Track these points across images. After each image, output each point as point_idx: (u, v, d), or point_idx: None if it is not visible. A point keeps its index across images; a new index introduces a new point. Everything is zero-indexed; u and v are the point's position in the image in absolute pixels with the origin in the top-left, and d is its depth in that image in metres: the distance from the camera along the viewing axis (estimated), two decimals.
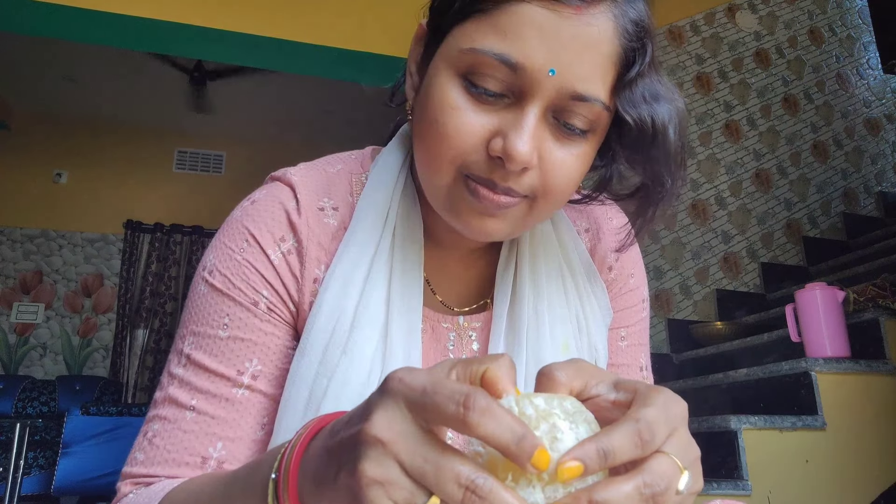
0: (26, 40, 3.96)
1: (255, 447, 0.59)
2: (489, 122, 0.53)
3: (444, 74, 0.54)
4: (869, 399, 2.19)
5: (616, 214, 0.76)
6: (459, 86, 0.54)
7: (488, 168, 0.53)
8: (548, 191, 0.55)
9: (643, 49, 0.55)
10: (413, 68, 0.62)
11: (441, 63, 0.55)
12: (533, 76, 0.51)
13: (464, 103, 0.53)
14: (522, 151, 0.51)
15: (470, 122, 0.53)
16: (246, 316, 0.60)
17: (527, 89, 0.52)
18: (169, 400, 0.59)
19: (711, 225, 3.54)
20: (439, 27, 0.57)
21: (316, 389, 0.57)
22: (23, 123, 5.18)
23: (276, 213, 0.62)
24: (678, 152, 0.58)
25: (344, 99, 4.64)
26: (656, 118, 0.55)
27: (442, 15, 0.57)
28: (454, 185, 0.55)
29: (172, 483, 0.55)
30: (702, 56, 3.81)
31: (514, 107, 0.53)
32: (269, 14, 3.03)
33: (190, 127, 5.47)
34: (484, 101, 0.53)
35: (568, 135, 0.54)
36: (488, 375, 0.36)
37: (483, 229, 0.56)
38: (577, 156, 0.55)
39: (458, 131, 0.53)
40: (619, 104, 0.55)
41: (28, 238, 5.15)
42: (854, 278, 2.82)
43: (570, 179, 0.56)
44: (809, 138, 4.01)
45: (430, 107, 0.55)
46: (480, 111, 0.53)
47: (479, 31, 0.52)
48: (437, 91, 0.54)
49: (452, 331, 0.67)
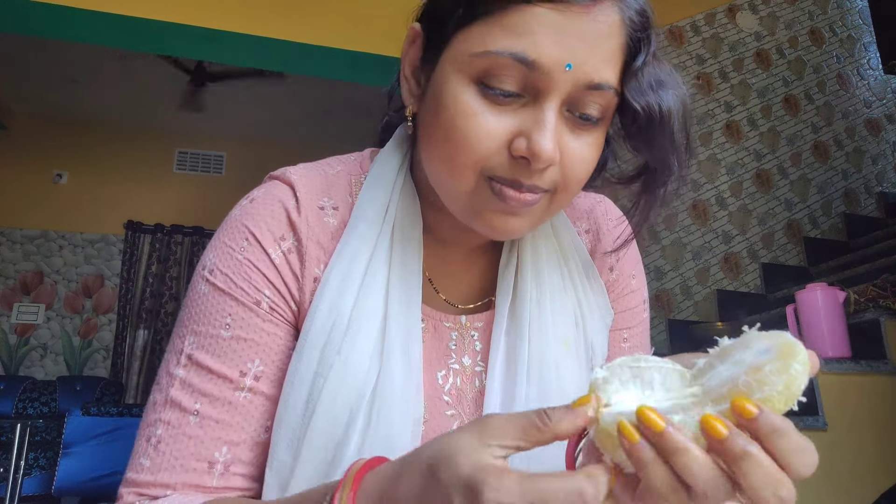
0: (27, 41, 3.96)
1: (259, 449, 0.59)
2: (509, 123, 0.53)
3: (456, 80, 0.54)
4: (869, 400, 2.19)
5: (614, 212, 0.76)
6: (474, 90, 0.53)
7: (512, 169, 0.53)
8: (567, 183, 0.56)
9: (647, 38, 0.56)
10: (408, 73, 0.62)
11: (450, 68, 0.55)
12: (549, 73, 0.51)
13: (481, 108, 0.53)
14: (547, 149, 0.51)
15: (490, 126, 0.53)
16: (248, 316, 0.59)
17: (543, 86, 0.52)
18: (171, 403, 0.58)
19: (712, 225, 3.54)
20: (440, 32, 0.57)
21: (314, 389, 0.57)
22: (23, 124, 5.18)
23: (276, 211, 0.62)
24: (683, 136, 0.58)
25: (344, 100, 4.64)
26: (662, 105, 0.56)
27: (443, 20, 0.56)
28: (477, 189, 0.55)
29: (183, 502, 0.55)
30: (702, 56, 3.81)
31: (531, 105, 0.53)
32: (269, 15, 3.04)
33: (190, 127, 5.48)
34: (500, 102, 0.53)
35: (583, 125, 0.55)
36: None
37: (506, 229, 0.57)
38: (591, 145, 0.56)
39: (479, 137, 0.53)
40: (627, 92, 0.55)
41: (28, 239, 5.15)
42: (855, 279, 2.82)
43: (586, 169, 0.56)
44: (810, 139, 4.01)
45: (444, 115, 0.54)
46: (498, 113, 0.53)
47: (489, 33, 0.52)
48: (451, 98, 0.54)
49: (455, 330, 0.67)
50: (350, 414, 0.56)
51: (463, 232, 0.65)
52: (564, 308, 0.67)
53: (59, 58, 4.40)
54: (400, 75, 0.63)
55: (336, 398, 0.56)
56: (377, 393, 0.57)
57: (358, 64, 3.12)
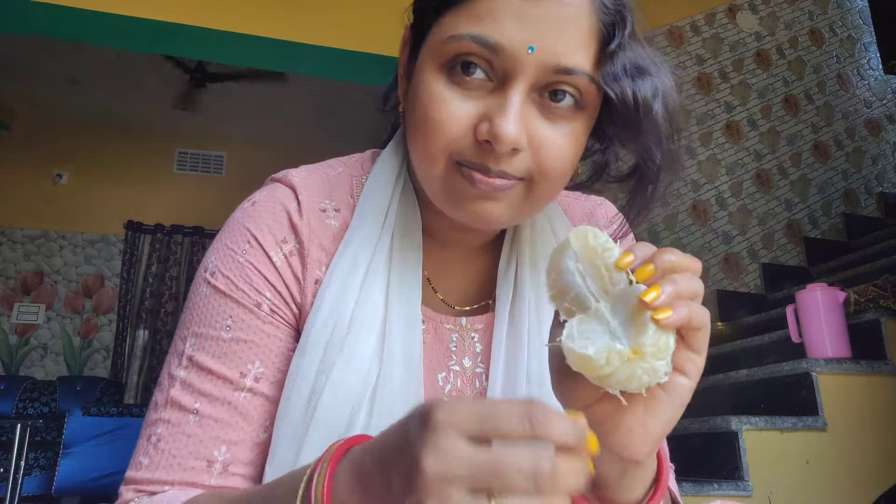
0: (28, 41, 3.96)
1: (258, 449, 0.60)
2: (475, 107, 0.54)
3: (428, 69, 0.55)
4: (870, 400, 2.19)
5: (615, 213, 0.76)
6: (443, 77, 0.54)
7: (479, 153, 0.54)
8: (543, 171, 0.55)
9: (622, 22, 0.55)
10: (402, 71, 0.63)
11: (425, 59, 0.56)
12: (513, 55, 0.52)
13: (449, 94, 0.54)
14: (509, 132, 0.51)
15: (456, 110, 0.53)
16: (249, 318, 0.60)
17: (509, 71, 0.52)
18: (171, 403, 0.58)
19: (712, 225, 3.54)
20: (421, 27, 0.58)
21: (316, 386, 0.57)
22: (24, 124, 5.18)
23: (278, 214, 0.62)
24: (666, 126, 0.56)
25: (345, 100, 4.64)
26: (638, 92, 0.54)
27: (422, 15, 0.58)
28: (448, 175, 0.56)
29: (180, 496, 0.55)
30: (702, 56, 3.81)
31: (497, 90, 0.54)
32: (270, 15, 3.03)
33: (191, 128, 5.48)
34: (468, 87, 0.54)
35: (557, 111, 0.54)
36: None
37: (484, 214, 0.56)
38: (568, 134, 0.55)
39: (446, 122, 0.54)
40: (602, 79, 0.54)
41: (29, 239, 5.15)
42: (855, 279, 2.82)
43: (564, 159, 0.55)
44: (810, 139, 4.01)
45: (418, 103, 0.55)
46: (466, 98, 0.54)
47: (456, 21, 0.53)
48: (423, 86, 0.55)
49: (455, 332, 0.67)
50: (351, 412, 0.56)
51: (461, 232, 0.65)
52: None
53: (60, 58, 4.40)
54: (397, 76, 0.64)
55: (338, 395, 0.56)
56: (378, 392, 0.57)
57: (359, 64, 3.12)
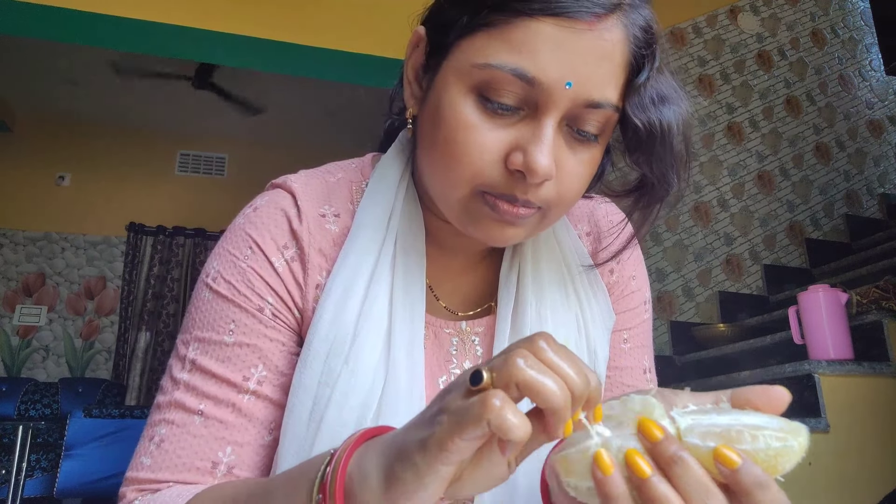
0: (29, 43, 3.97)
1: (264, 451, 0.60)
2: (506, 136, 0.53)
3: (455, 90, 0.54)
4: (872, 401, 2.18)
5: (616, 214, 0.76)
6: (473, 102, 0.53)
7: (507, 183, 0.53)
8: (561, 199, 0.56)
9: (652, 54, 0.55)
10: (412, 76, 0.62)
11: (451, 77, 0.55)
12: (549, 90, 0.51)
13: (479, 120, 0.53)
14: (544, 165, 0.51)
15: (487, 140, 0.53)
16: (251, 322, 0.60)
17: (542, 102, 0.52)
18: (175, 404, 0.58)
19: (714, 227, 3.53)
20: (444, 38, 0.57)
21: (319, 399, 0.57)
22: (25, 126, 5.19)
23: (279, 220, 0.62)
24: (683, 152, 0.58)
25: (346, 101, 4.64)
26: (664, 120, 0.56)
27: (447, 27, 0.56)
28: (470, 200, 0.56)
29: (189, 490, 0.55)
30: (704, 58, 3.81)
31: (529, 119, 0.53)
32: (270, 17, 3.04)
33: (192, 129, 5.48)
34: (499, 115, 0.53)
35: (581, 141, 0.55)
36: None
37: (503, 237, 0.57)
38: (587, 161, 0.56)
39: (476, 151, 0.53)
40: (629, 108, 0.55)
41: (31, 240, 5.16)
42: (857, 280, 2.81)
43: (581, 186, 0.56)
44: (812, 140, 4.01)
45: (442, 124, 0.54)
46: (496, 127, 0.53)
47: (491, 46, 0.52)
48: (450, 108, 0.54)
49: (455, 336, 0.67)
50: (357, 423, 0.56)
51: (464, 239, 0.65)
52: (566, 313, 0.67)
53: (61, 60, 4.41)
54: (403, 78, 0.63)
55: (344, 407, 0.56)
56: (383, 401, 0.57)
57: (361, 66, 3.12)
